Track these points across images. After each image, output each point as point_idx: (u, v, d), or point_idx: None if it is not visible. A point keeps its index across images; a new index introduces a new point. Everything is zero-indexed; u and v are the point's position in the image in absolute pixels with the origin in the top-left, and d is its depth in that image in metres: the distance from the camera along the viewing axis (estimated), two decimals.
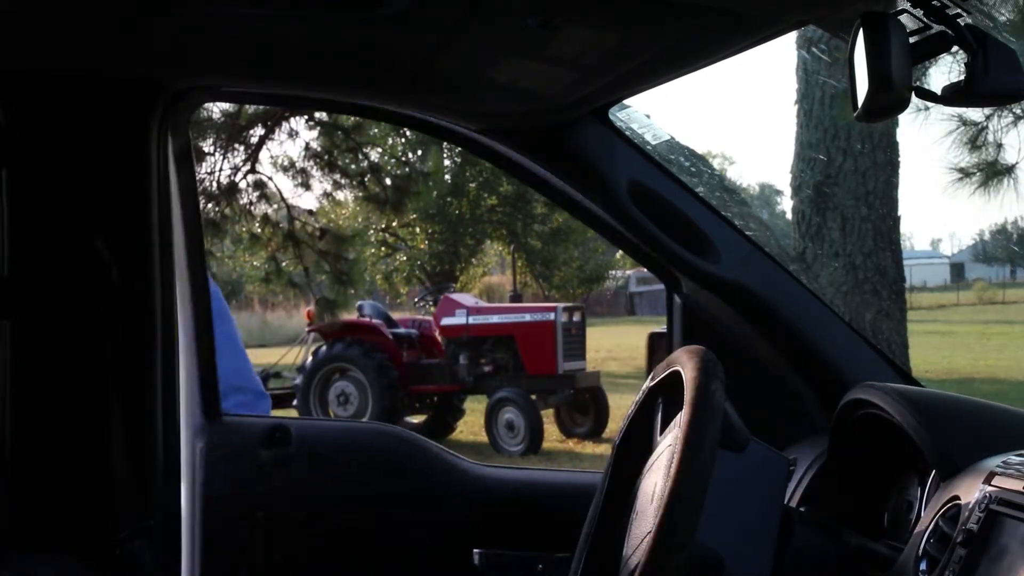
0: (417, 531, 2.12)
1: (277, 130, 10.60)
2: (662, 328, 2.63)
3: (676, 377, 1.40)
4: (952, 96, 1.22)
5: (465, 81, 1.67)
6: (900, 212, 7.42)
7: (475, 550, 2.04)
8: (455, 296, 11.48)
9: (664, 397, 1.51)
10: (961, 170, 6.97)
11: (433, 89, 1.69)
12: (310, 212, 11.56)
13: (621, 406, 10.23)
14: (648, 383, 1.56)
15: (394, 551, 2.13)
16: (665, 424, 1.46)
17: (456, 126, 1.97)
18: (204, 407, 2.08)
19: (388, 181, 11.41)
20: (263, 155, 10.68)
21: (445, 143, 18.26)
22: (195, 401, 2.06)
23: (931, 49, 1.22)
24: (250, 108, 10.23)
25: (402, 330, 11.17)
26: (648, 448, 1.50)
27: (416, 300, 15.49)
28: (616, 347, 19.66)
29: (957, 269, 65.21)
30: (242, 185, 10.52)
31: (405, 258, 24.79)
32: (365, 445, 2.20)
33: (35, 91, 1.70)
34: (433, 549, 2.13)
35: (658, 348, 2.48)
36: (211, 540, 2.05)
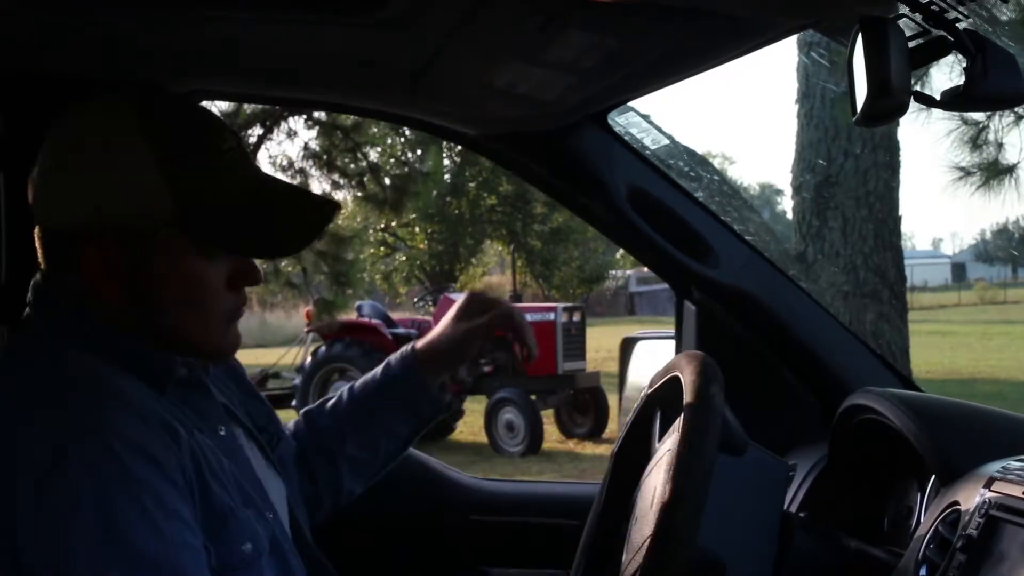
0: (416, 548, 2.10)
1: (276, 130, 10.57)
2: (635, 333, 2.63)
3: (675, 382, 1.39)
4: (951, 101, 1.22)
5: (464, 86, 1.66)
6: (901, 212, 7.41)
7: (485, 568, 2.02)
8: (454, 296, 11.44)
9: (663, 403, 1.50)
10: (962, 169, 6.95)
11: (432, 94, 1.69)
12: None
13: None
14: (647, 389, 1.55)
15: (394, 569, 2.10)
16: (664, 429, 1.46)
17: (457, 128, 1.97)
18: None
19: (387, 181, 11.38)
20: (262, 154, 10.66)
21: (445, 142, 18.30)
22: None
23: (930, 54, 1.22)
24: (248, 108, 10.21)
25: (401, 330, 11.14)
26: (647, 454, 1.50)
27: (415, 300, 15.47)
28: (616, 347, 19.62)
29: (958, 269, 65.21)
30: None
31: (404, 258, 24.78)
32: None
33: (35, 95, 1.70)
34: (434, 565, 2.10)
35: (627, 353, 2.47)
36: None
